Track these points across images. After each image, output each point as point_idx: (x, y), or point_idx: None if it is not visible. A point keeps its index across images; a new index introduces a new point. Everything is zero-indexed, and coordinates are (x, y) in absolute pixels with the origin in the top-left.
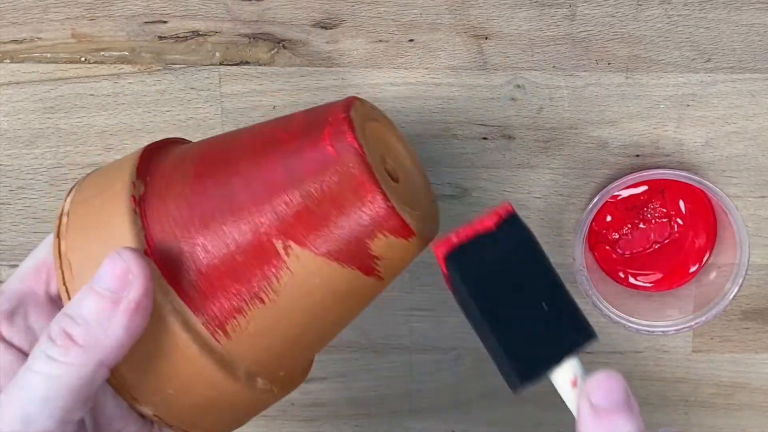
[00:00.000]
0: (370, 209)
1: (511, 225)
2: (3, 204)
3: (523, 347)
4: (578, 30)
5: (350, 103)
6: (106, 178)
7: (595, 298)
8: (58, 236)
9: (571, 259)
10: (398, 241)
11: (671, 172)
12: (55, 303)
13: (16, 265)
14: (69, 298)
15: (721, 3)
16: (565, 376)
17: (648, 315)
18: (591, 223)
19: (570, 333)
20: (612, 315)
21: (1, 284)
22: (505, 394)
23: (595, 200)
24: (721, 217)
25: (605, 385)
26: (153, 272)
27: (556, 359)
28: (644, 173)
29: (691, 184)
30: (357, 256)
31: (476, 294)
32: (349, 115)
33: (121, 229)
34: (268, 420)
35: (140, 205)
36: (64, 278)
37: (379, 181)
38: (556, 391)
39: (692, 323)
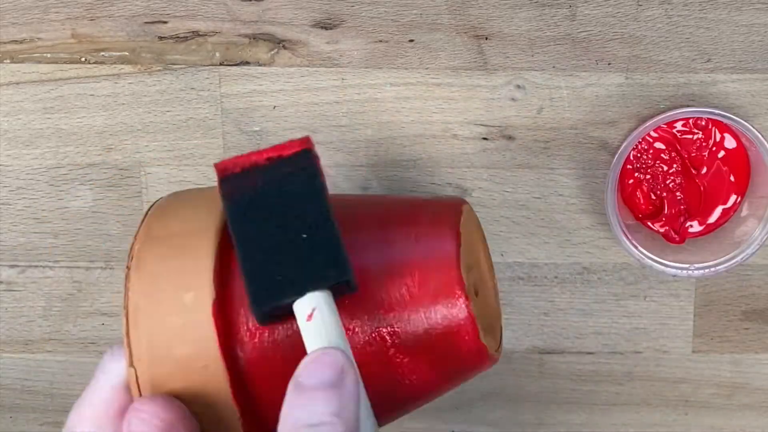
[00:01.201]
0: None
1: (300, 156)
2: (3, 204)
3: (269, 274)
4: (578, 30)
5: (460, 206)
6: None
7: (625, 240)
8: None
9: (573, 259)
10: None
11: (706, 110)
12: None
13: (16, 265)
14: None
15: (721, 3)
16: (303, 308)
17: (678, 259)
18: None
19: (321, 267)
20: (642, 257)
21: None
22: (505, 394)
23: (624, 144)
24: (756, 164)
25: (314, 361)
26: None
27: (298, 290)
28: (676, 111)
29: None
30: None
31: (235, 217)
32: (459, 220)
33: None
34: None
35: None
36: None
37: (467, 293)
38: (556, 391)
39: (724, 266)
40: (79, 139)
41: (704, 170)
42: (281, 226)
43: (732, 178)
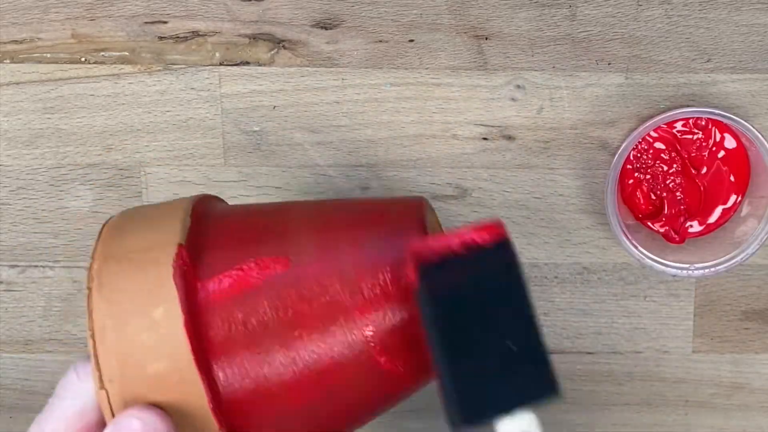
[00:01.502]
0: None
1: (501, 248)
2: (3, 204)
3: (475, 386)
4: (578, 30)
5: (422, 205)
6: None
7: (625, 240)
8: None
9: (573, 259)
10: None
11: (706, 110)
12: None
13: (16, 266)
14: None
15: (721, 3)
16: (513, 429)
17: (678, 259)
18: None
19: (532, 383)
20: (642, 257)
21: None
22: None
23: (625, 143)
24: (756, 163)
25: None
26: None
27: (507, 408)
28: (676, 111)
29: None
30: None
31: (440, 316)
32: (423, 220)
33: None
34: None
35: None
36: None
37: None
38: None
39: (724, 266)
40: (79, 139)
41: (704, 170)
42: (487, 331)
43: (732, 178)
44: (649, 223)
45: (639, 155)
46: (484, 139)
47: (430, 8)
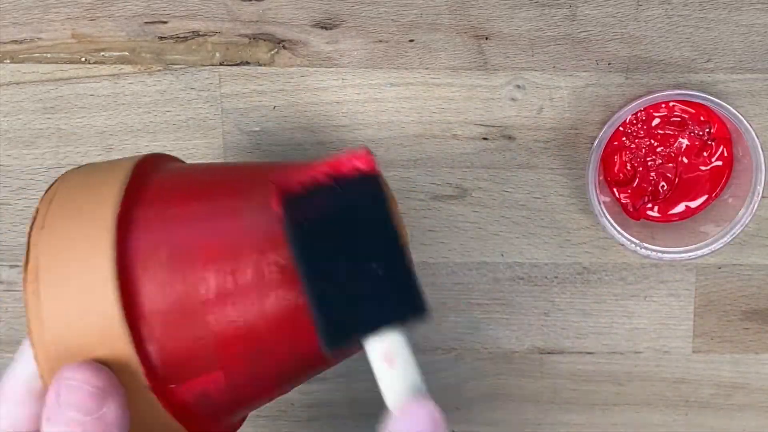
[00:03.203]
0: None
1: (367, 178)
2: (3, 204)
3: (341, 308)
4: (578, 30)
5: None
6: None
7: (609, 225)
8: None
9: (573, 259)
10: None
11: (684, 92)
12: None
13: (16, 266)
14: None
15: (721, 3)
16: (379, 348)
17: (665, 243)
18: (603, 154)
19: (398, 304)
20: (626, 241)
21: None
22: (505, 394)
23: (605, 128)
24: (737, 145)
25: (409, 413)
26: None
27: (373, 328)
28: (657, 94)
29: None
30: None
31: (304, 244)
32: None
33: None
34: (268, 420)
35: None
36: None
37: None
38: (556, 391)
39: (711, 248)
40: (79, 139)
41: (690, 167)
42: (352, 257)
43: (708, 185)
44: (614, 189)
45: (635, 122)
46: (484, 139)
47: (430, 8)
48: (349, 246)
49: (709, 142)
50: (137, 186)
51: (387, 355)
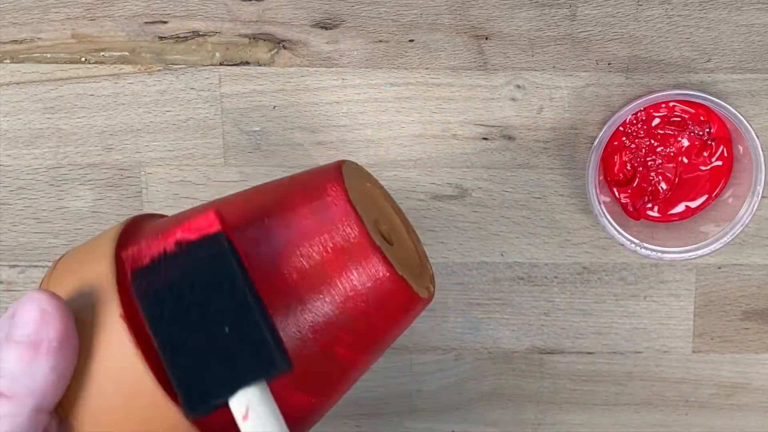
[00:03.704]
0: (368, 272)
1: (209, 240)
2: (3, 204)
3: (196, 375)
4: (578, 30)
5: (340, 165)
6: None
7: (609, 225)
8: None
9: (573, 259)
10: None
11: (684, 92)
12: None
13: (16, 266)
14: None
15: (721, 3)
16: (238, 406)
17: (665, 243)
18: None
19: (250, 361)
20: (626, 241)
21: None
22: (505, 394)
23: (605, 128)
24: (737, 144)
25: None
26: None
27: (229, 389)
28: (657, 94)
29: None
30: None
31: (152, 316)
32: (341, 177)
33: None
34: None
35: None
36: None
37: (377, 244)
38: (556, 391)
39: (711, 248)
40: (79, 139)
41: (690, 167)
42: (202, 321)
43: (708, 185)
44: (614, 189)
45: (635, 122)
46: (484, 139)
47: (430, 8)
48: (196, 310)
49: (709, 142)
50: (127, 238)
51: (243, 412)
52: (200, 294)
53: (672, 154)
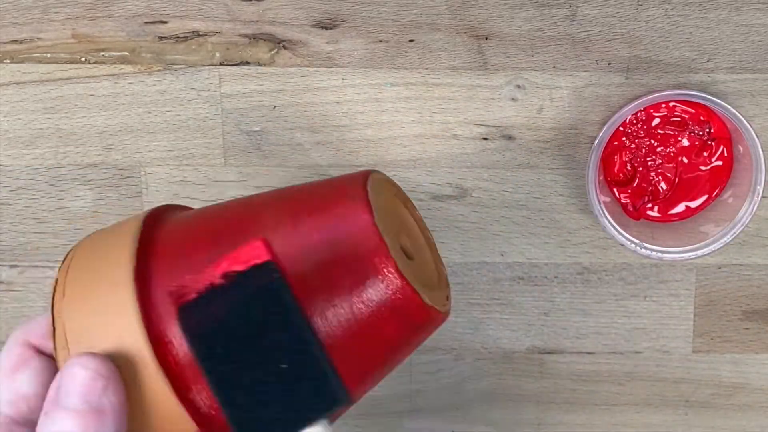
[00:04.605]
0: (384, 286)
1: (257, 270)
2: (3, 204)
3: (255, 415)
4: (578, 30)
5: (366, 175)
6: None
7: (609, 225)
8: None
9: (573, 259)
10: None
11: (684, 92)
12: None
13: (16, 266)
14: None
15: (721, 3)
16: None
17: (665, 243)
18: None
19: (312, 397)
20: (626, 241)
21: None
22: (505, 394)
23: (605, 128)
24: (737, 144)
25: None
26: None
27: (292, 429)
28: (657, 94)
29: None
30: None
31: (204, 355)
32: (365, 190)
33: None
34: None
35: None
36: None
37: (395, 259)
38: (556, 391)
39: (711, 248)
40: (79, 139)
41: (690, 167)
42: (257, 357)
43: (708, 185)
44: (614, 189)
45: (635, 122)
46: (484, 139)
47: (430, 8)
48: (250, 346)
49: (709, 142)
50: (147, 242)
51: None
52: (254, 328)
53: (672, 154)
